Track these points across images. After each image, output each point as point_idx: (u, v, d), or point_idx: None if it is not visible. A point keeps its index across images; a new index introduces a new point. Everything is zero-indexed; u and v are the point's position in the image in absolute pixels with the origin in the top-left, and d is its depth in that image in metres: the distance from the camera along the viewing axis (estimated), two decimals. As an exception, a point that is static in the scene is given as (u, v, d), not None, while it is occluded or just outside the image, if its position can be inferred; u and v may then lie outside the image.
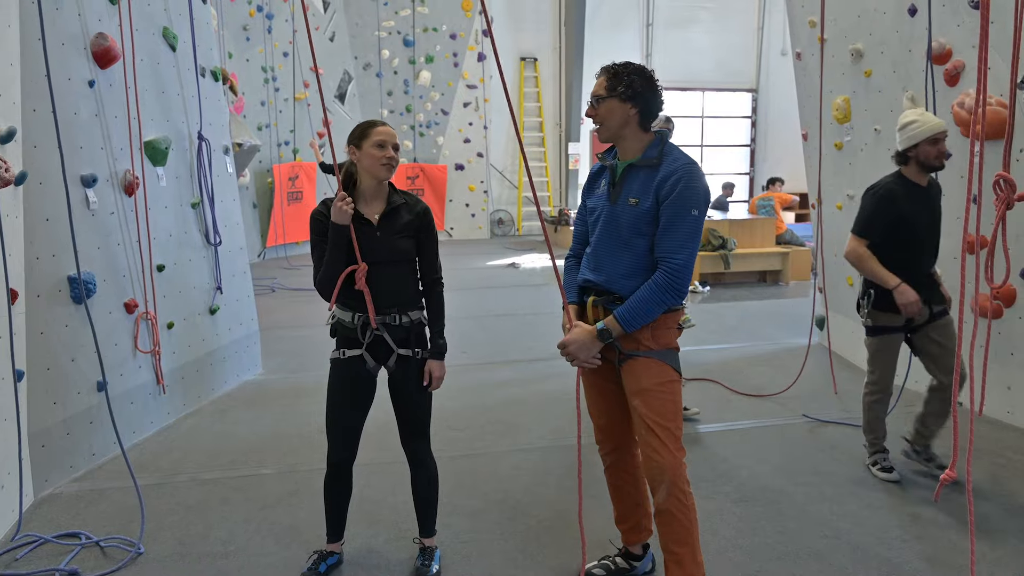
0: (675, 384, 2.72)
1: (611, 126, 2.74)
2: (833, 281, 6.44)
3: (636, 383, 2.71)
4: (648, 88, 2.72)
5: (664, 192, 2.64)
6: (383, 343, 3.06)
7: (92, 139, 4.48)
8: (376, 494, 3.96)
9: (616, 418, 2.91)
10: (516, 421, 5.06)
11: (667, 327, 2.74)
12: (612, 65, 2.76)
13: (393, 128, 3.15)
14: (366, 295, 2.99)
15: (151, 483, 4.13)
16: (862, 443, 4.27)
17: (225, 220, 5.84)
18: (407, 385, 3.11)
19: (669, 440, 2.66)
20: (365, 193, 3.08)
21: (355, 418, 3.11)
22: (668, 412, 2.68)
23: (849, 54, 5.70)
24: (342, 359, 3.10)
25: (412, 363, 3.09)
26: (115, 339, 4.58)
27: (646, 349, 2.71)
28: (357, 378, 3.09)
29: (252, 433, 4.91)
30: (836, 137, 6.03)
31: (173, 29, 5.30)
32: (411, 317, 3.09)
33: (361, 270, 2.97)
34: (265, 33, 12.59)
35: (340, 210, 2.94)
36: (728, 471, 4.21)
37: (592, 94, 2.78)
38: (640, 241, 2.70)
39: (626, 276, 2.71)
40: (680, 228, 2.62)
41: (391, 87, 14.89)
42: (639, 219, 2.69)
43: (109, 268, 4.55)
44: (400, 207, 3.08)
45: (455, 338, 7.36)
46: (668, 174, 2.65)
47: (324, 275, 3.02)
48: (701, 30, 17.09)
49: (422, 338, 3.16)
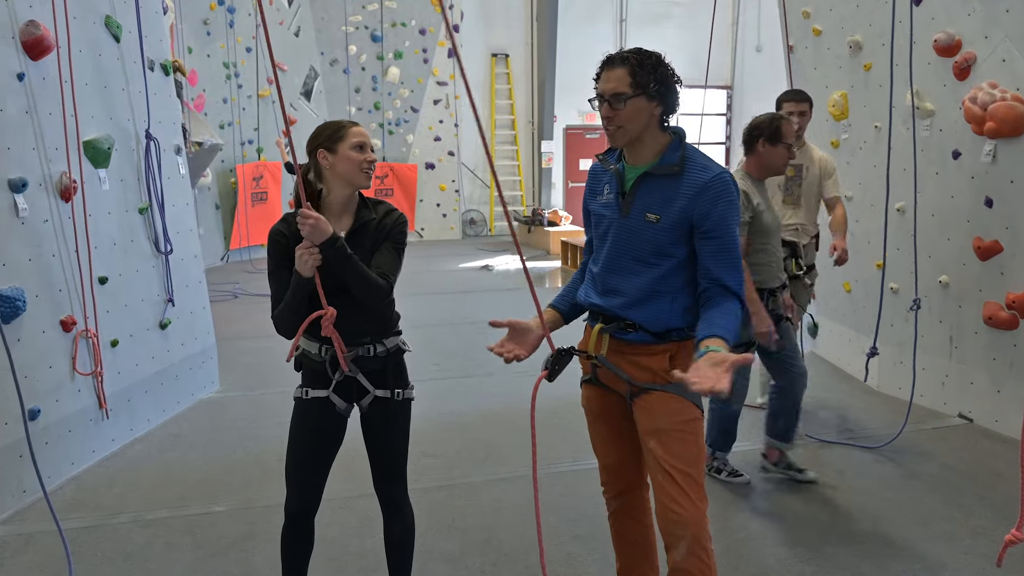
0: (698, 423, 2.35)
1: (634, 129, 2.32)
2: (828, 287, 6.12)
3: (652, 422, 2.33)
4: (673, 80, 2.32)
5: (701, 210, 2.27)
6: (355, 381, 2.65)
7: (22, 139, 4.00)
8: (341, 535, 3.53)
9: (627, 457, 2.53)
10: (497, 443, 4.66)
11: (686, 355, 2.35)
12: (629, 54, 2.30)
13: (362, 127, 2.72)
14: (335, 340, 2.56)
15: (87, 525, 3.67)
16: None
17: (177, 226, 5.36)
18: (384, 428, 2.70)
19: (691, 489, 2.28)
20: (334, 206, 2.63)
21: (319, 465, 2.69)
22: (691, 456, 2.30)
23: (847, 47, 5.38)
24: (305, 399, 2.68)
25: (391, 404, 2.68)
26: (49, 361, 4.10)
27: (663, 382, 2.33)
28: (323, 420, 2.66)
29: (205, 462, 4.45)
30: (833, 134, 5.71)
31: (116, 18, 4.82)
32: (387, 346, 2.67)
33: (328, 317, 2.51)
34: (227, 27, 12.02)
35: (304, 261, 2.46)
36: (723, 492, 3.84)
37: (608, 91, 2.29)
38: (662, 262, 2.33)
39: (643, 301, 2.34)
40: (732, 250, 2.29)
41: (359, 84, 14.38)
42: (661, 238, 2.31)
43: (42, 282, 4.07)
44: (368, 223, 2.64)
45: (427, 348, 7.02)
46: (702, 187, 2.27)
47: (285, 317, 2.57)
48: (674, 25, 16.79)
49: (401, 371, 2.74)
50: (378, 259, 2.61)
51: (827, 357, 6.27)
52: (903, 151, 5.00)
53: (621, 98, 2.28)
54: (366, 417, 2.71)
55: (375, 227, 2.65)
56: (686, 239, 2.30)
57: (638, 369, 2.33)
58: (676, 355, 2.34)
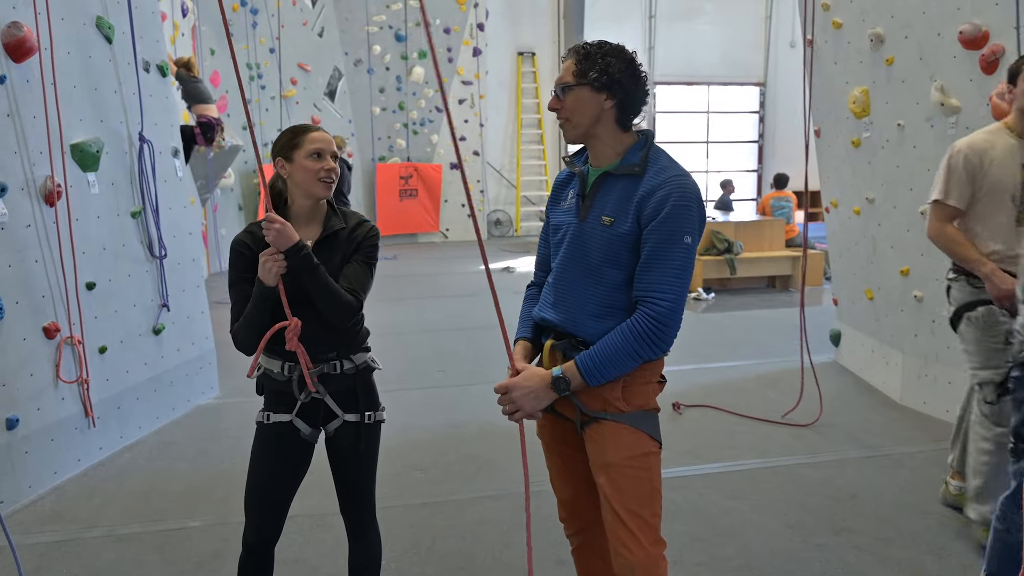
0: (652, 458, 2.12)
1: (580, 122, 2.14)
2: (850, 294, 5.82)
3: (601, 455, 2.12)
4: (629, 75, 2.12)
5: (648, 211, 2.04)
6: (322, 403, 2.48)
7: (2, 143, 3.92)
8: (315, 555, 3.38)
9: (583, 491, 2.31)
10: (491, 457, 4.47)
11: (644, 382, 2.14)
12: (582, 45, 2.16)
13: (329, 133, 2.54)
14: (300, 355, 2.39)
15: (59, 539, 3.57)
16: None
17: (174, 230, 5.26)
18: (352, 455, 2.53)
19: (643, 532, 2.06)
20: (298, 215, 2.47)
21: (281, 494, 2.52)
22: (642, 495, 2.09)
23: (868, 40, 5.08)
24: (267, 424, 2.51)
25: (360, 428, 2.51)
26: (31, 368, 4.02)
27: (615, 411, 2.11)
28: (286, 447, 2.50)
29: (192, 472, 4.34)
30: (854, 133, 5.41)
31: (109, 19, 4.73)
32: (355, 362, 2.49)
33: (293, 327, 2.35)
34: (249, 28, 12.02)
35: (268, 269, 2.30)
36: (730, 528, 3.60)
37: (557, 82, 2.18)
38: (614, 272, 2.10)
39: (594, 316, 2.12)
40: (669, 260, 2.02)
41: (383, 84, 14.30)
42: (614, 244, 2.09)
43: (23, 288, 3.99)
44: (338, 232, 2.47)
45: (435, 353, 6.86)
46: (653, 188, 2.05)
47: (245, 330, 2.41)
48: (706, 22, 16.43)
49: (371, 391, 2.55)
50: (347, 272, 2.43)
51: (849, 367, 5.97)
52: (928, 151, 4.70)
53: (565, 87, 2.13)
54: (332, 442, 2.54)
55: (345, 238, 2.48)
56: (639, 247, 2.09)
57: (589, 395, 2.11)
58: (630, 383, 2.12)
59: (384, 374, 6.38)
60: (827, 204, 5.98)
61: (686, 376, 5.94)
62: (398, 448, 4.57)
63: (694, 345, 6.84)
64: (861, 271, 5.62)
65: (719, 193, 12.77)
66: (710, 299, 9.29)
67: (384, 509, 3.73)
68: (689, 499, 3.89)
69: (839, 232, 5.84)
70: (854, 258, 5.70)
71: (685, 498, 3.90)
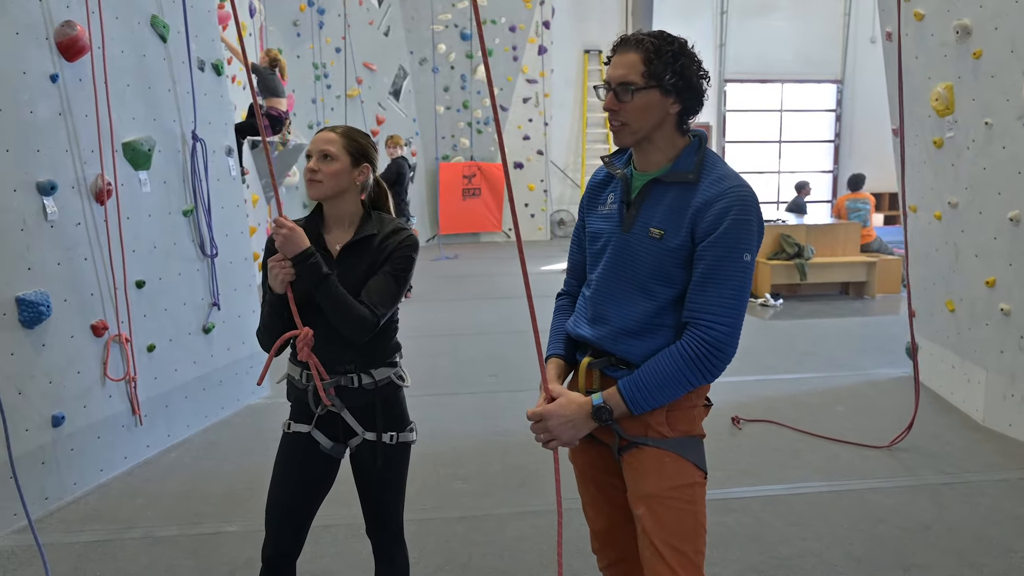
0: (696, 489, 1.92)
1: (642, 128, 1.92)
2: (929, 305, 5.43)
3: (641, 485, 1.92)
4: (698, 76, 1.91)
5: (705, 225, 1.84)
6: (340, 418, 2.36)
7: (53, 141, 3.94)
8: (346, 569, 3.27)
9: (619, 521, 2.11)
10: (536, 469, 4.29)
11: (689, 405, 1.94)
12: (647, 37, 1.89)
13: (328, 134, 2.39)
14: (313, 366, 2.28)
15: (97, 539, 3.55)
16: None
17: (226, 229, 5.26)
18: (374, 475, 2.41)
19: (685, 569, 1.86)
20: (329, 218, 2.39)
21: (301, 509, 2.42)
22: (685, 529, 1.89)
23: (953, 32, 4.70)
24: (289, 433, 2.41)
25: (382, 448, 2.38)
26: (78, 366, 4.04)
27: (657, 436, 1.92)
28: (308, 460, 2.39)
29: (235, 472, 4.30)
30: (935, 133, 5.03)
31: (164, 17, 4.74)
32: (375, 377, 2.35)
33: (303, 337, 2.25)
34: (316, 28, 12.14)
35: (275, 275, 2.23)
36: (789, 558, 3.33)
37: (615, 79, 1.90)
38: (663, 289, 1.90)
39: (636, 334, 1.92)
40: (726, 280, 1.82)
41: (447, 83, 14.26)
42: (664, 259, 1.89)
43: (71, 286, 4.01)
44: (370, 238, 2.34)
45: (488, 357, 6.72)
46: (711, 199, 1.84)
47: (261, 334, 2.39)
48: (781, 17, 15.88)
49: (394, 409, 2.41)
50: (370, 284, 2.30)
51: (927, 383, 5.57)
52: (1019, 151, 4.31)
53: (629, 89, 1.88)
54: (355, 459, 2.43)
55: (376, 245, 2.34)
56: (693, 262, 1.88)
57: (628, 419, 1.92)
58: (675, 407, 1.92)
59: (434, 378, 6.28)
60: (906, 208, 5.59)
61: (747, 388, 5.63)
62: (442, 455, 4.45)
63: (758, 354, 6.52)
64: (942, 280, 5.23)
65: (794, 196, 12.29)
66: (778, 305, 8.90)
67: (422, 522, 3.65)
68: (745, 524, 3.64)
69: (918, 238, 5.46)
70: (934, 266, 5.31)
71: (741, 522, 3.65)
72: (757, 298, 9.16)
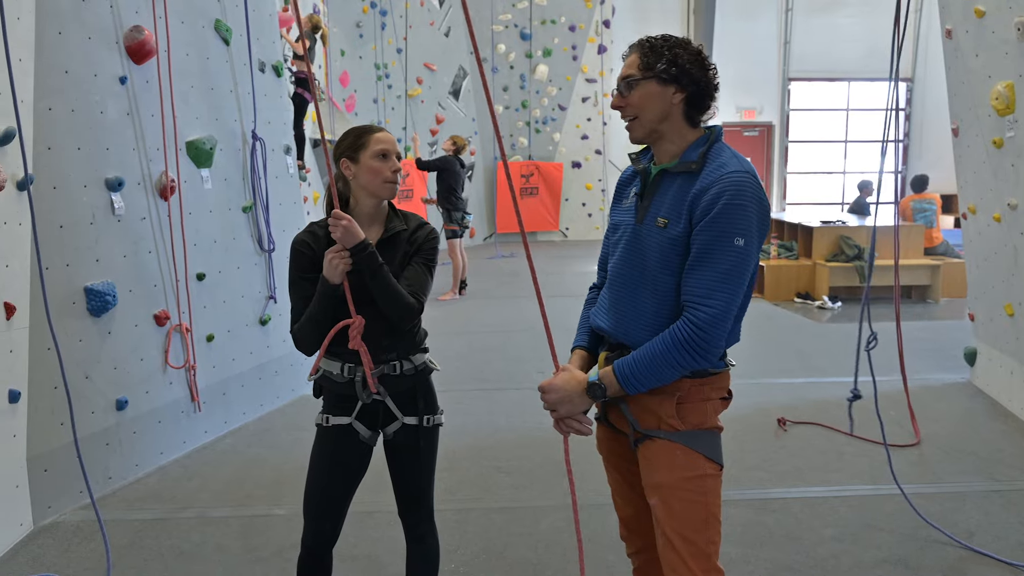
0: (708, 481, 1.95)
1: (648, 120, 2.00)
2: (988, 309, 5.28)
3: (653, 475, 1.97)
4: (698, 66, 1.98)
5: (699, 211, 1.88)
6: (382, 405, 2.47)
7: (121, 139, 4.17)
8: (385, 553, 3.38)
9: (643, 509, 2.15)
10: (578, 462, 4.32)
11: (702, 399, 1.97)
12: (646, 39, 2.03)
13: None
14: (362, 354, 2.38)
15: (155, 518, 3.75)
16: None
17: (284, 224, 5.46)
18: (410, 458, 2.51)
19: (695, 559, 1.90)
20: (361, 217, 2.46)
21: (339, 497, 2.53)
22: (696, 520, 1.93)
23: (1015, 29, 4.56)
24: (326, 427, 2.52)
25: (419, 431, 2.48)
26: (141, 354, 4.26)
27: (668, 428, 1.96)
28: (345, 450, 2.49)
29: (285, 460, 4.47)
30: (996, 132, 4.89)
31: (227, 21, 4.95)
32: (414, 363, 2.46)
33: (357, 325, 2.35)
34: (378, 30, 12.39)
35: (334, 266, 2.31)
36: (824, 560, 3.30)
37: (620, 77, 2.05)
38: (668, 279, 1.95)
39: (649, 327, 1.97)
40: (716, 263, 1.85)
41: (507, 82, 14.39)
42: (668, 247, 1.94)
43: (136, 277, 4.23)
44: (400, 233, 2.46)
45: (535, 354, 6.78)
46: (707, 185, 1.89)
47: (307, 330, 2.42)
48: (847, 14, 15.49)
49: (430, 393, 2.53)
50: (408, 275, 2.42)
51: (985, 389, 5.41)
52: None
53: (630, 82, 2.00)
54: (391, 444, 2.52)
55: (406, 239, 2.47)
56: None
57: (642, 411, 1.97)
58: (686, 399, 1.96)
59: (484, 373, 6.38)
60: (964, 210, 5.45)
61: (796, 390, 5.57)
62: (486, 448, 4.53)
63: (808, 356, 6.43)
64: (1001, 284, 5.08)
65: (856, 195, 11.99)
66: (836, 308, 8.73)
67: (462, 511, 3.75)
68: (784, 524, 3.62)
69: (976, 240, 5.31)
70: (993, 269, 5.16)
71: (779, 522, 3.63)
72: (814, 300, 9.00)
